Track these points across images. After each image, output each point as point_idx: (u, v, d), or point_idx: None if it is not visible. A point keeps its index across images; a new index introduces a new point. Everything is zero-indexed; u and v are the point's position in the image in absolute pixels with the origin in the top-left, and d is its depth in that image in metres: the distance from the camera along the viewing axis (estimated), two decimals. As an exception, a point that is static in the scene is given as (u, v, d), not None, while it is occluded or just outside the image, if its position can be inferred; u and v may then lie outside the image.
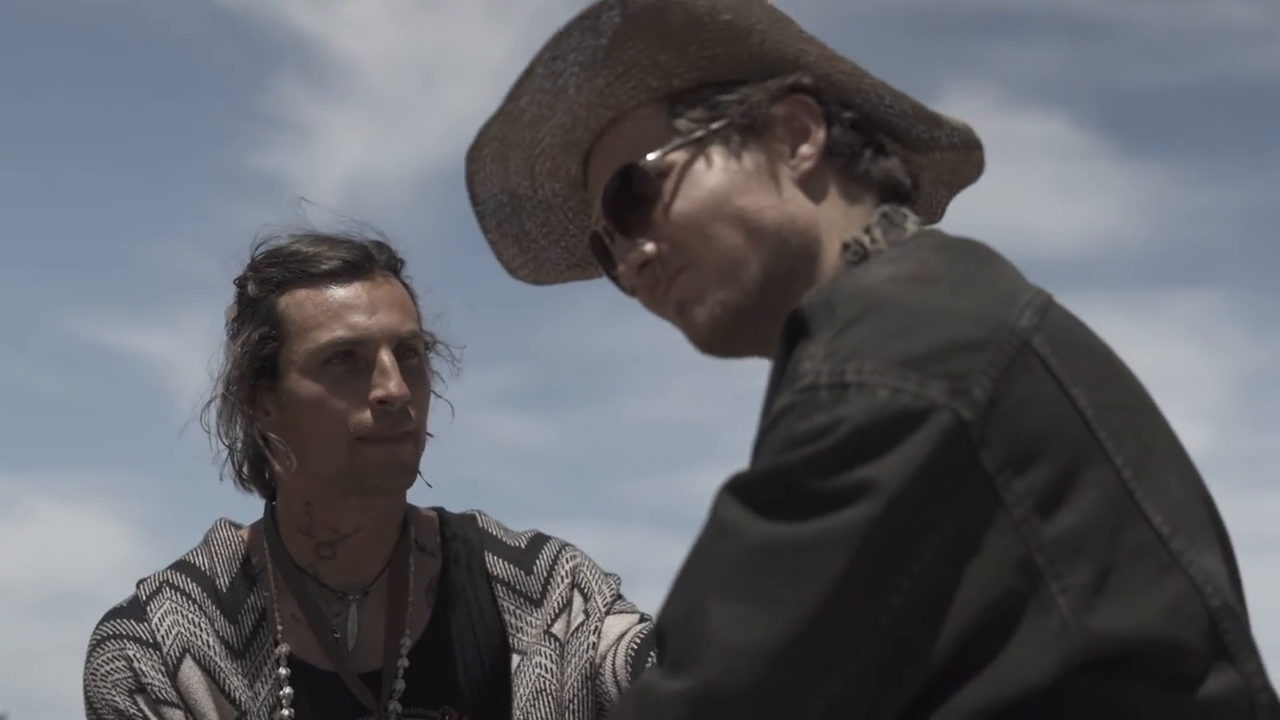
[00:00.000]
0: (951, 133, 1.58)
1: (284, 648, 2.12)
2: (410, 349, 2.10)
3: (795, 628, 1.23)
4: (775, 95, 1.51)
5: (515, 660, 2.16)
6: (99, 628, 2.14)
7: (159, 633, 2.11)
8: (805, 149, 1.51)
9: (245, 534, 2.20)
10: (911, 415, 1.24)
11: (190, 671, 2.09)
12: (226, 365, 2.11)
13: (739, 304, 1.48)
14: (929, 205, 1.66)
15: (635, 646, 2.11)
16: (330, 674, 2.12)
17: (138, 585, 2.17)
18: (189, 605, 2.13)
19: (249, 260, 2.15)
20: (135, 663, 2.10)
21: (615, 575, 2.24)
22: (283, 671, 2.11)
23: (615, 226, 1.54)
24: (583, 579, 2.20)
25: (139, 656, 2.10)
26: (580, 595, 2.18)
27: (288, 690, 2.10)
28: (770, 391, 1.38)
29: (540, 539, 2.25)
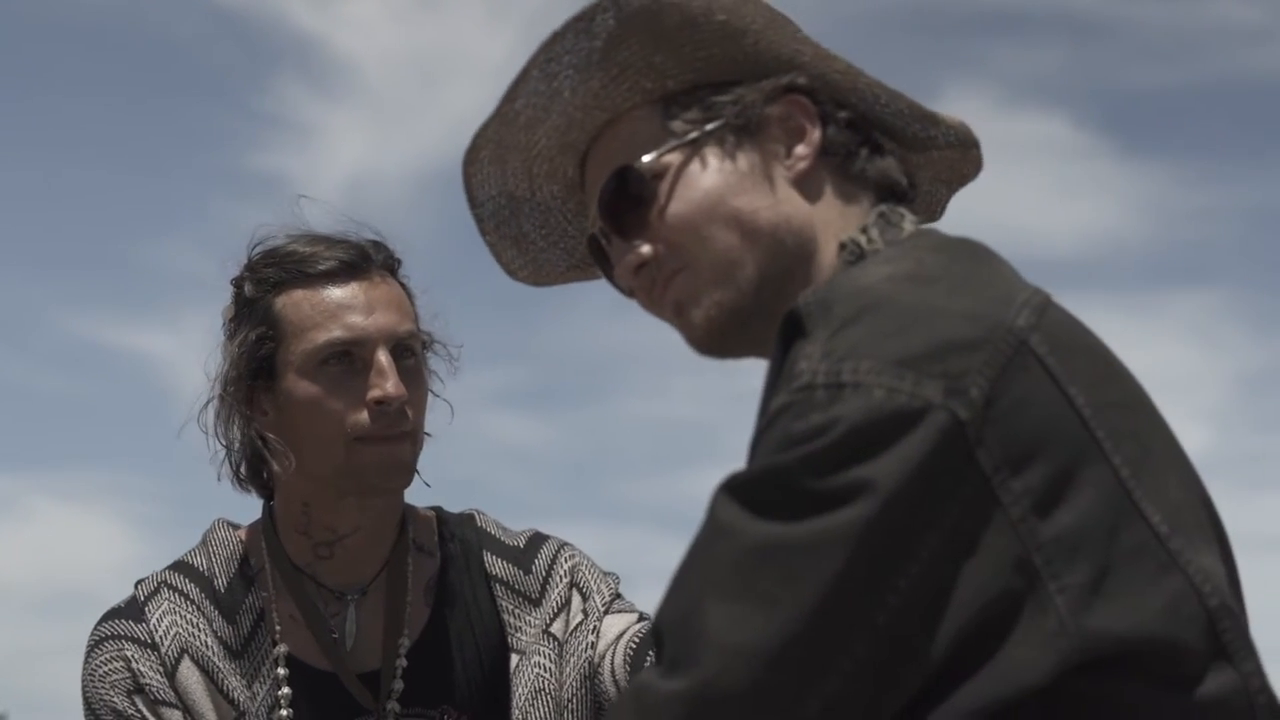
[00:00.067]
0: (948, 131, 1.58)
1: (282, 648, 2.11)
2: (407, 349, 2.09)
3: (792, 628, 1.22)
4: (770, 95, 1.50)
5: (514, 660, 2.15)
6: (97, 628, 2.14)
7: (157, 633, 2.11)
8: (800, 149, 1.51)
9: (243, 534, 2.19)
10: (908, 415, 1.24)
11: (188, 672, 2.09)
12: (224, 365, 2.10)
13: (735, 305, 1.48)
14: (928, 204, 1.65)
15: (634, 646, 2.11)
16: (328, 674, 2.12)
17: (136, 586, 2.17)
18: (187, 606, 2.12)
19: (246, 260, 2.15)
20: (133, 663, 2.09)
21: (614, 574, 2.23)
22: (281, 672, 2.10)
23: (611, 228, 1.54)
24: (581, 578, 2.20)
25: (137, 657, 2.10)
26: (579, 594, 2.18)
27: (286, 690, 2.10)
28: (767, 391, 1.37)
29: (539, 538, 2.25)
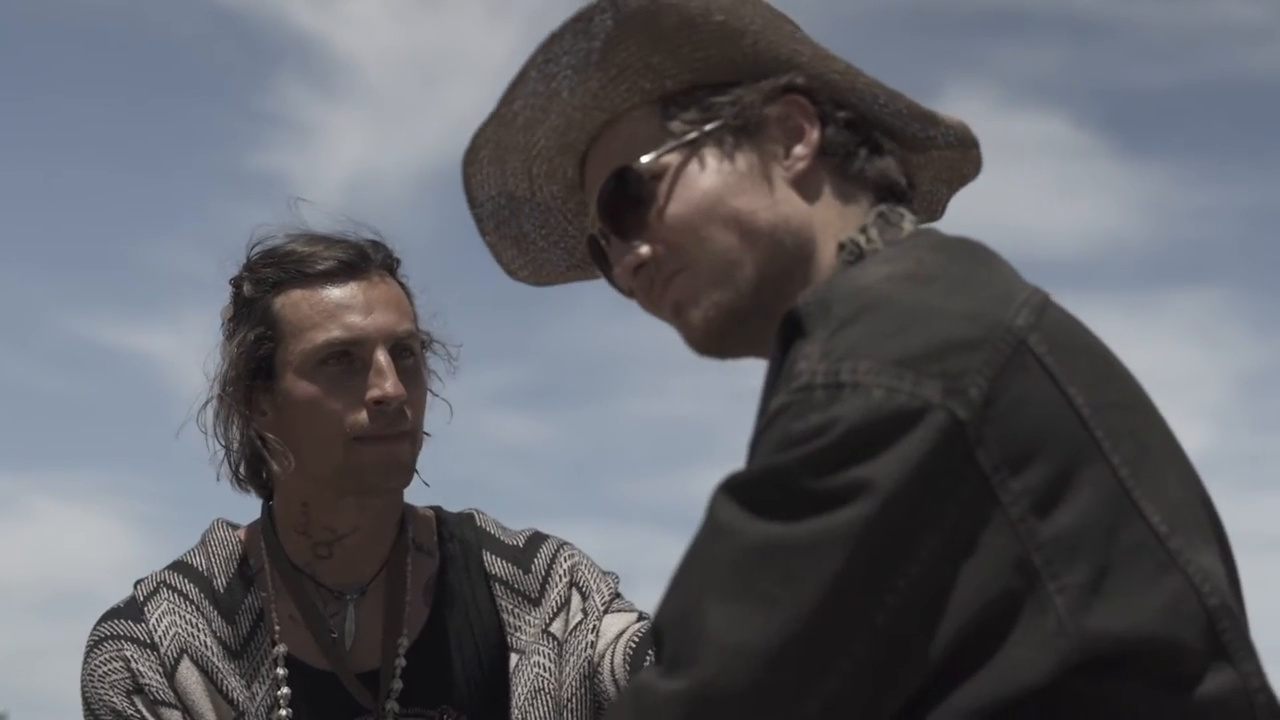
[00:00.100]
0: (947, 131, 1.57)
1: (281, 648, 2.11)
2: (406, 349, 2.09)
3: (791, 628, 1.22)
4: (769, 96, 1.50)
5: (513, 659, 2.15)
6: (96, 628, 2.14)
7: (156, 633, 2.10)
8: (799, 149, 1.50)
9: (242, 534, 2.19)
10: (907, 415, 1.24)
11: (188, 672, 2.09)
12: (222, 366, 2.10)
13: (734, 305, 1.48)
14: (929, 203, 1.65)
15: (633, 645, 2.11)
16: (328, 674, 2.12)
17: (135, 586, 2.17)
18: (186, 606, 2.12)
19: (244, 260, 2.14)
20: (133, 663, 2.09)
21: (613, 574, 2.23)
22: (280, 672, 2.10)
23: (610, 229, 1.53)
24: (581, 577, 2.19)
25: (136, 657, 2.10)
26: (578, 594, 2.18)
27: (285, 690, 2.10)
28: (766, 391, 1.37)
29: (538, 537, 2.24)
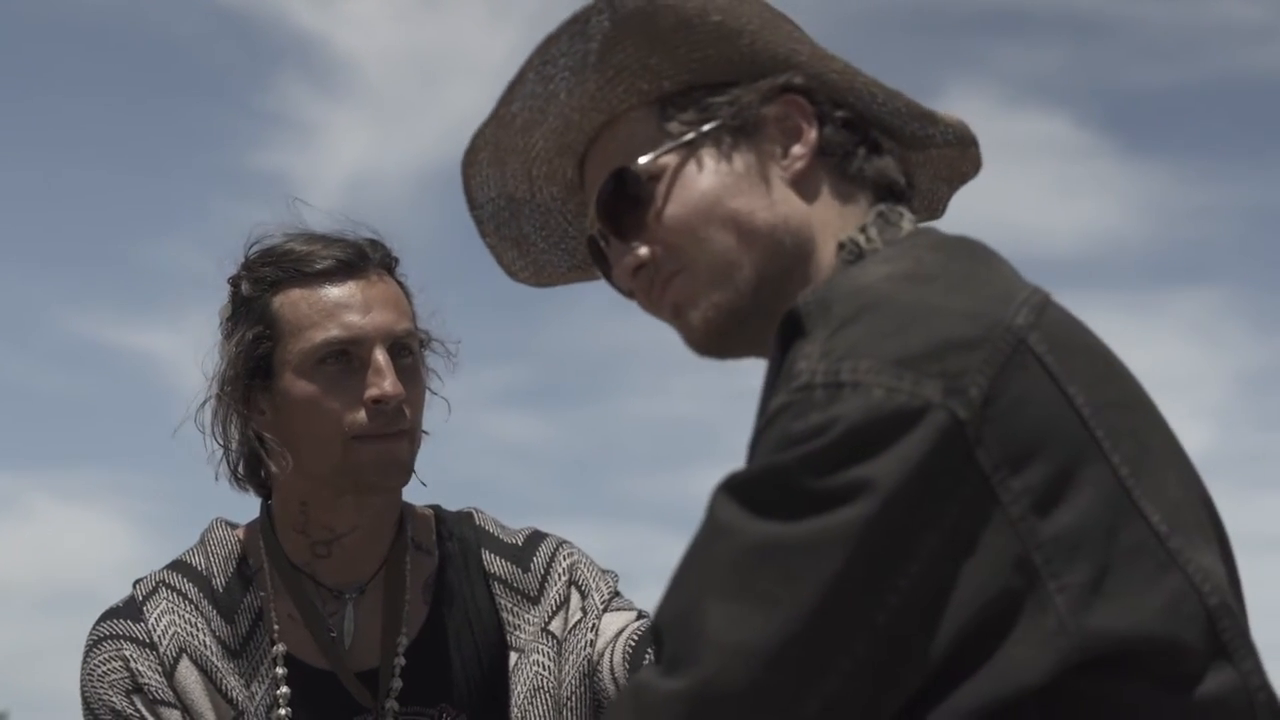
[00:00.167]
0: (946, 129, 1.57)
1: (280, 647, 2.11)
2: (405, 348, 2.09)
3: (791, 627, 1.22)
4: (766, 96, 1.50)
5: (513, 658, 2.15)
6: (95, 628, 2.14)
7: (155, 633, 2.10)
8: (797, 149, 1.50)
9: (241, 533, 2.19)
10: (907, 414, 1.24)
11: (187, 671, 2.09)
12: (221, 365, 2.10)
13: (733, 306, 1.48)
14: (929, 202, 1.65)
15: (633, 644, 2.11)
16: (327, 673, 2.12)
17: (134, 585, 2.17)
18: (185, 605, 2.12)
19: (242, 259, 2.14)
20: (132, 663, 2.09)
21: (613, 572, 2.23)
22: (279, 671, 2.10)
23: (609, 230, 1.53)
24: (580, 576, 2.19)
25: (135, 657, 2.10)
26: (578, 592, 2.18)
27: (284, 690, 2.10)
28: (766, 391, 1.37)
29: (537, 536, 2.24)
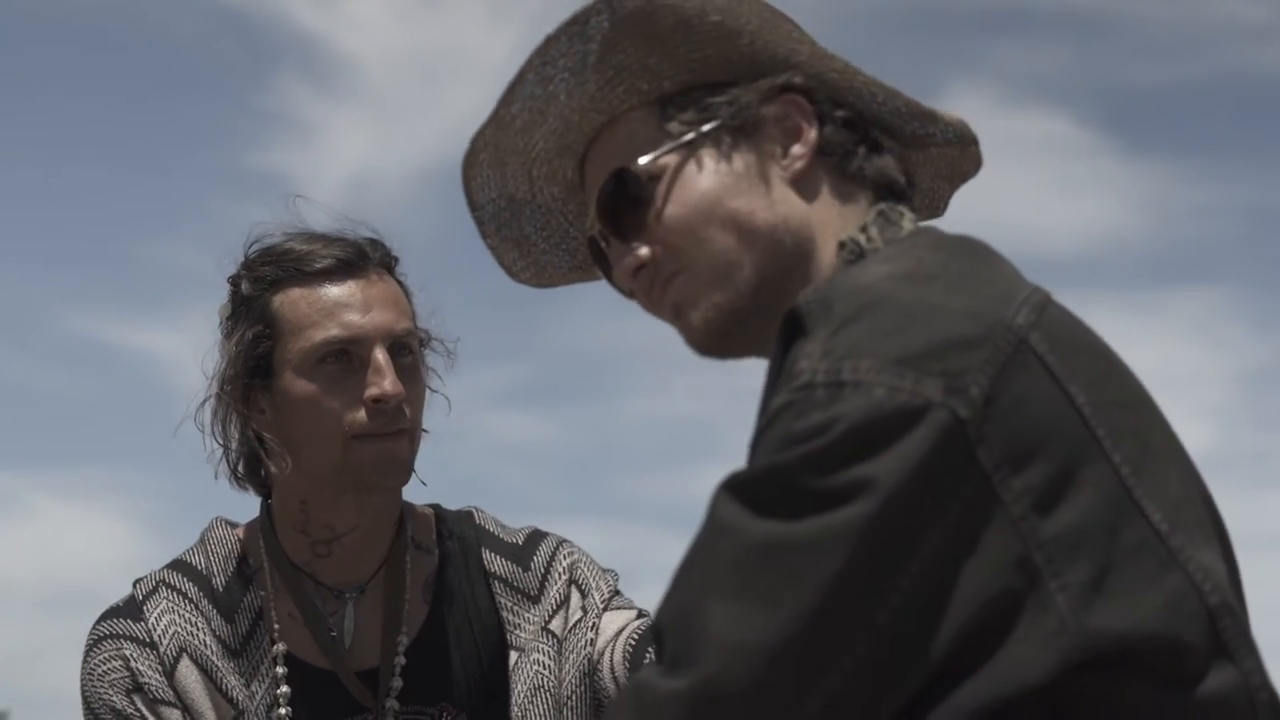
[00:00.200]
0: (946, 128, 1.57)
1: (281, 646, 2.11)
2: (405, 347, 2.09)
3: (793, 626, 1.22)
4: (766, 95, 1.50)
5: (513, 657, 2.15)
6: (95, 627, 2.14)
7: (155, 632, 2.10)
8: (797, 149, 1.50)
9: (241, 533, 2.19)
10: (908, 413, 1.24)
11: (187, 671, 2.09)
12: (221, 364, 2.10)
13: (733, 306, 1.48)
14: (930, 201, 1.65)
15: (633, 642, 2.11)
16: (327, 672, 2.12)
17: (134, 585, 2.17)
18: (185, 605, 2.12)
19: (242, 258, 2.14)
20: (132, 662, 2.09)
21: (613, 571, 2.23)
22: (280, 670, 2.10)
23: (610, 230, 1.53)
24: (580, 575, 2.19)
25: (136, 656, 2.10)
26: (578, 591, 2.18)
27: (285, 689, 2.10)
28: (767, 390, 1.37)
29: (537, 535, 2.24)
